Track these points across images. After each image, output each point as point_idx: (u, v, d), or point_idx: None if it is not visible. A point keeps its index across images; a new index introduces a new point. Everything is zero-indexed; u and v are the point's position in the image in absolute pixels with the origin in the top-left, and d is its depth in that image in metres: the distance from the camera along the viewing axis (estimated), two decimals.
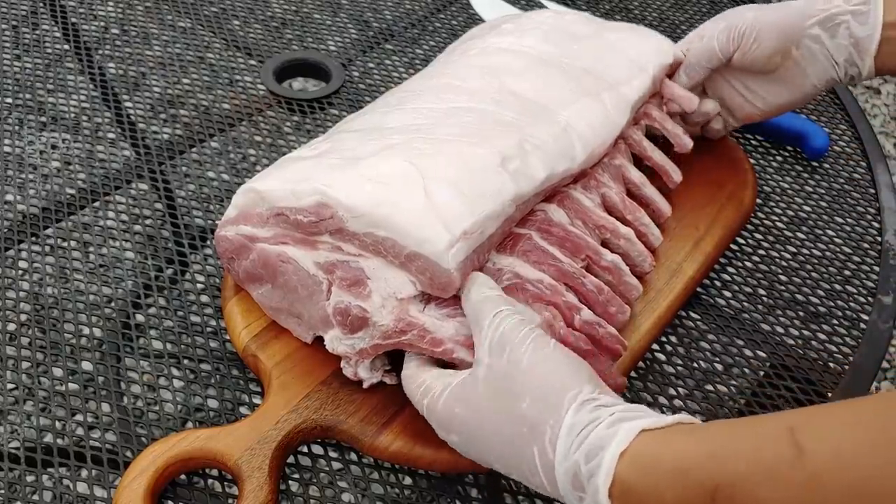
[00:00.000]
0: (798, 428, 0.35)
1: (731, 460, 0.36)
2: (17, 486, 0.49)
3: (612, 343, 0.51)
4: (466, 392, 0.44)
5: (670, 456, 0.37)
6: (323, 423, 0.50)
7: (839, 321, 0.63)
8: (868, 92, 2.02)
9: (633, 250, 0.57)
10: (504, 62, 0.61)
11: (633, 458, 0.38)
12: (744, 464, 0.35)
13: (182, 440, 0.48)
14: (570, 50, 0.63)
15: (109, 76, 0.79)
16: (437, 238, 0.47)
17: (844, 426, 0.35)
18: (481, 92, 0.58)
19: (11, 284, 0.60)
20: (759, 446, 0.36)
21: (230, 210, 0.53)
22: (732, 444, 0.37)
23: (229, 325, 0.55)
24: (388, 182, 0.49)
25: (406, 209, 0.48)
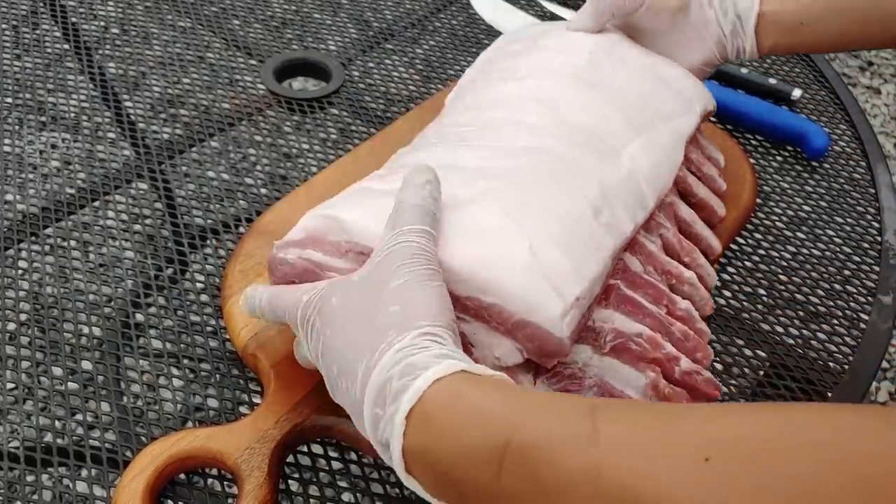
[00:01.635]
0: (600, 409, 0.35)
1: (529, 423, 0.36)
2: (16, 486, 0.49)
3: (709, 388, 0.50)
4: (348, 286, 0.44)
5: (476, 400, 0.38)
6: (322, 423, 0.50)
7: (839, 321, 0.63)
8: (868, 92, 2.02)
9: (697, 295, 0.56)
10: (555, 90, 0.57)
11: (443, 389, 0.38)
12: (541, 429, 0.35)
13: (181, 439, 0.48)
14: (619, 74, 0.60)
15: (109, 76, 0.79)
16: (551, 306, 0.44)
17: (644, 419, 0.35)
18: (541, 128, 0.54)
19: (11, 284, 0.60)
20: (560, 417, 0.36)
21: (296, 232, 0.50)
22: (536, 408, 0.37)
23: (229, 324, 0.55)
24: (491, 240, 0.46)
25: (514, 273, 0.45)
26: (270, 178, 0.70)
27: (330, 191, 0.64)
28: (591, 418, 0.35)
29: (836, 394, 0.58)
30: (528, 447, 0.35)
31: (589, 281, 0.46)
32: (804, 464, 0.30)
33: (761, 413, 0.34)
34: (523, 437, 0.35)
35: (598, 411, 0.35)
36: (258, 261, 0.59)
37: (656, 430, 0.34)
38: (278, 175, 0.70)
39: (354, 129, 0.75)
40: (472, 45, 0.85)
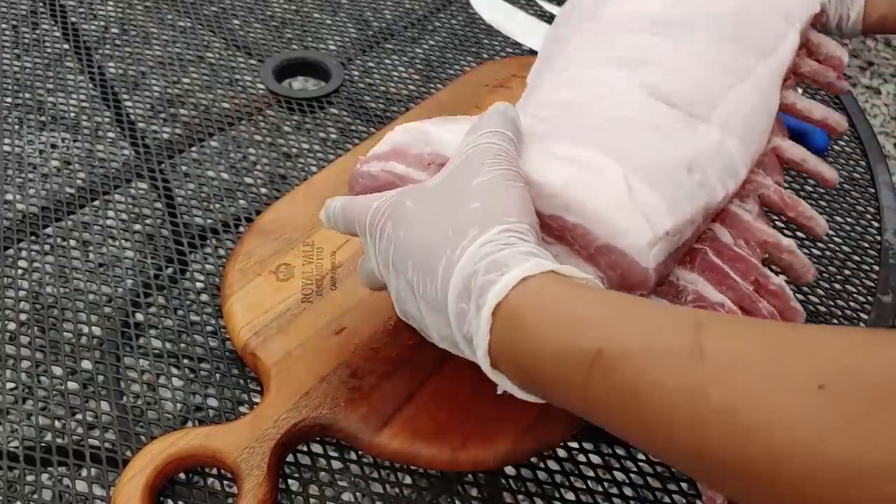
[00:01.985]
0: (706, 324, 0.33)
1: (626, 331, 0.33)
2: (16, 486, 0.49)
3: None
4: (423, 189, 0.43)
5: (567, 301, 0.35)
6: (322, 422, 0.50)
7: (839, 321, 0.63)
8: (868, 92, 2.02)
9: (797, 262, 0.52)
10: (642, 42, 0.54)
11: (531, 287, 0.36)
12: (638, 339, 0.33)
13: (180, 438, 0.48)
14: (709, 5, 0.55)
15: (109, 76, 0.79)
16: (640, 234, 0.43)
17: (752, 340, 0.32)
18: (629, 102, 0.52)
19: (11, 284, 0.60)
20: (660, 328, 0.33)
21: (381, 146, 0.49)
22: (633, 316, 0.34)
23: (228, 322, 0.55)
24: (585, 166, 0.44)
25: (604, 197, 0.43)
26: (270, 178, 0.70)
27: (329, 190, 0.65)
28: (696, 332, 0.32)
29: None
30: (622, 357, 0.33)
31: (681, 220, 0.44)
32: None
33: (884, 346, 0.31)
34: (618, 346, 0.33)
35: (704, 326, 0.33)
36: (258, 259, 0.59)
37: (767, 350, 0.32)
38: (278, 175, 0.70)
39: (354, 128, 0.75)
40: (472, 45, 0.85)
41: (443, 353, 0.53)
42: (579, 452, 0.53)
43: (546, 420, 0.52)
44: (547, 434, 0.51)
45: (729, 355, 0.32)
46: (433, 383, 0.53)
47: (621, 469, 0.53)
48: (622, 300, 0.36)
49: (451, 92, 0.75)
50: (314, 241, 0.61)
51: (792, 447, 0.29)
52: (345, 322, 0.56)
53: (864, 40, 2.21)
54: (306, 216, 0.62)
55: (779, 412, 0.29)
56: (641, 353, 0.33)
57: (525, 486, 0.51)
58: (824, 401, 0.29)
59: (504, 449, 0.50)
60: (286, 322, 0.55)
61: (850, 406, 0.29)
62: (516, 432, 0.51)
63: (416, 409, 0.51)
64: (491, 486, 0.51)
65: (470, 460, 0.50)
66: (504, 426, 0.51)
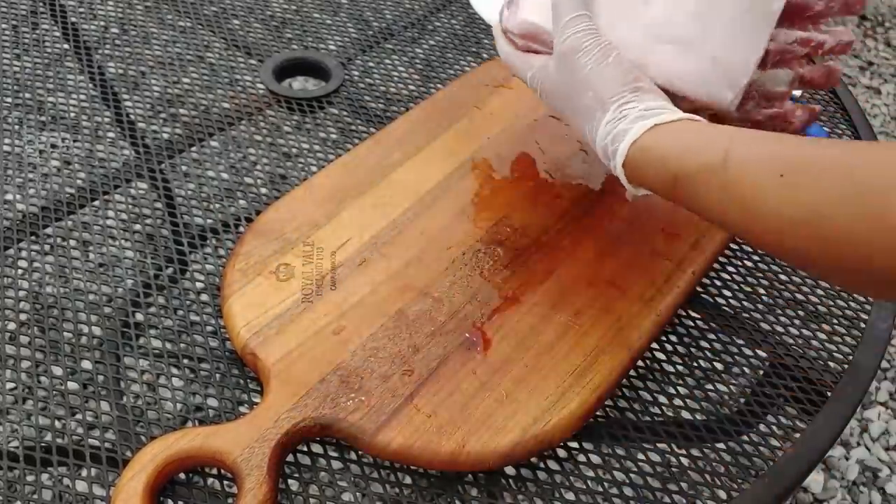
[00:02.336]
0: (734, 144, 0.46)
1: (688, 158, 0.48)
2: (16, 486, 0.49)
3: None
4: (548, 76, 0.57)
5: (657, 146, 0.50)
6: (322, 422, 0.50)
7: (839, 321, 0.63)
8: (868, 92, 2.02)
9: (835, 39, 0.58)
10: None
11: (639, 146, 0.51)
12: (694, 164, 0.48)
13: (180, 438, 0.48)
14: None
15: (109, 76, 0.79)
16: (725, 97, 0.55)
17: (763, 149, 0.46)
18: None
19: (11, 284, 0.60)
20: (706, 152, 0.47)
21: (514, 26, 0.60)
22: (694, 146, 0.48)
23: (228, 322, 0.55)
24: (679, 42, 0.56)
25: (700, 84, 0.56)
26: (270, 178, 0.70)
27: (329, 191, 0.65)
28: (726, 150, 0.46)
29: (836, 394, 0.58)
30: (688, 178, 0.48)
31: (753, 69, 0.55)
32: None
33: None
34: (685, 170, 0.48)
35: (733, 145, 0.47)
36: (258, 260, 0.59)
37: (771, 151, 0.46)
38: (278, 175, 0.70)
39: (354, 128, 0.75)
40: (471, 45, 0.85)
41: (443, 354, 0.54)
42: (579, 452, 0.53)
43: (546, 420, 0.52)
44: (547, 434, 0.51)
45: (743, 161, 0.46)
46: (433, 383, 0.53)
47: (621, 469, 0.53)
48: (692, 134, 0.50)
49: (451, 92, 0.75)
50: (314, 241, 0.61)
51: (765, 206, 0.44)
52: (344, 322, 0.56)
53: (864, 40, 2.21)
54: (306, 216, 0.62)
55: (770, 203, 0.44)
56: (696, 173, 0.47)
57: (525, 486, 0.51)
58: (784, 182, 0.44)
59: (504, 449, 0.50)
60: (286, 322, 0.55)
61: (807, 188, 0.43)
62: (517, 432, 0.51)
63: (416, 410, 0.51)
64: (491, 485, 0.51)
65: (470, 461, 0.50)
66: (505, 426, 0.51)
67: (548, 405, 0.52)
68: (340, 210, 0.63)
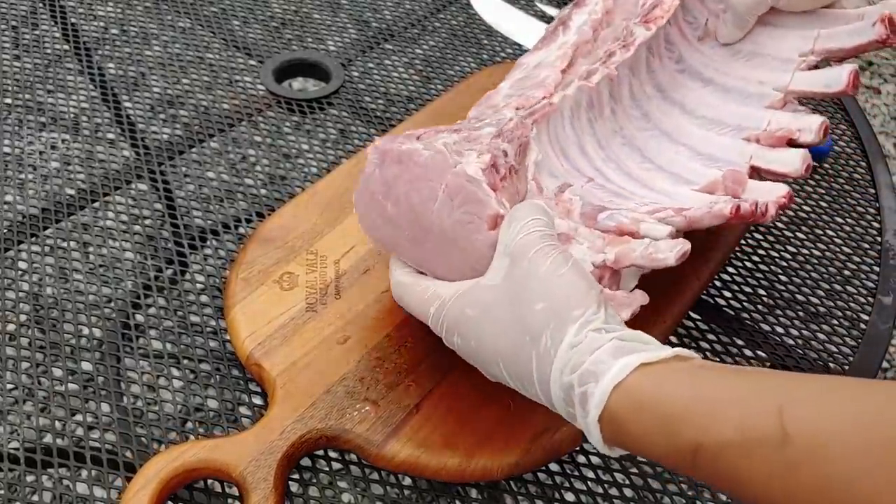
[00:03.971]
0: (787, 406, 0.36)
1: (718, 424, 0.37)
2: (16, 487, 0.49)
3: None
4: (480, 294, 0.45)
5: (660, 402, 0.38)
6: (328, 433, 0.50)
7: (839, 321, 0.63)
8: (868, 92, 2.02)
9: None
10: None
11: (626, 393, 0.39)
12: (731, 431, 0.36)
13: (185, 451, 0.48)
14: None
15: (109, 76, 0.79)
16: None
17: (835, 417, 0.35)
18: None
19: (11, 285, 0.60)
20: (747, 417, 0.36)
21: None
22: (722, 408, 0.37)
23: (232, 333, 0.55)
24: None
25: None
26: (270, 179, 0.70)
27: (332, 197, 0.64)
28: (779, 416, 0.35)
29: None
30: (720, 450, 0.36)
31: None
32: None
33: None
34: (714, 439, 0.36)
35: (786, 407, 0.36)
36: (261, 269, 0.59)
37: (851, 424, 0.34)
38: (278, 175, 0.70)
39: (354, 129, 0.75)
40: (472, 45, 0.85)
41: (449, 363, 0.53)
42: (579, 453, 0.53)
43: (554, 430, 0.51)
44: (555, 444, 0.51)
45: (813, 435, 0.35)
46: (440, 393, 0.52)
47: (621, 469, 0.53)
48: (711, 386, 0.39)
49: (453, 96, 0.75)
50: (317, 249, 0.60)
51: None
52: (349, 332, 0.55)
53: None
54: (309, 224, 0.62)
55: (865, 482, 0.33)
56: (735, 448, 0.36)
57: (525, 487, 0.51)
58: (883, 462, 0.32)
59: (512, 460, 0.50)
60: (290, 332, 0.55)
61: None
62: (524, 443, 0.50)
63: (423, 420, 0.51)
64: (491, 487, 0.51)
65: (478, 471, 0.50)
66: (512, 437, 0.51)
67: (555, 415, 0.52)
68: (344, 217, 0.63)
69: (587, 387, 0.39)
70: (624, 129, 0.59)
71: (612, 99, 0.59)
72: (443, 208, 0.47)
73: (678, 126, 0.59)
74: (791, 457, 0.34)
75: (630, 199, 0.53)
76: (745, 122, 0.58)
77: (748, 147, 0.56)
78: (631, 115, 0.59)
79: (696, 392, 0.38)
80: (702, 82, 0.61)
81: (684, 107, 0.60)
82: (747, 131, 0.57)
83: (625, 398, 0.39)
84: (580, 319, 0.41)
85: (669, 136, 0.59)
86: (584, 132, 0.57)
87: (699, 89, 0.61)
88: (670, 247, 0.47)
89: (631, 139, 0.58)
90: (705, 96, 0.60)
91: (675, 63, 0.62)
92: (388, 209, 0.49)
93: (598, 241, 0.49)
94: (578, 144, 0.56)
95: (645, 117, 0.60)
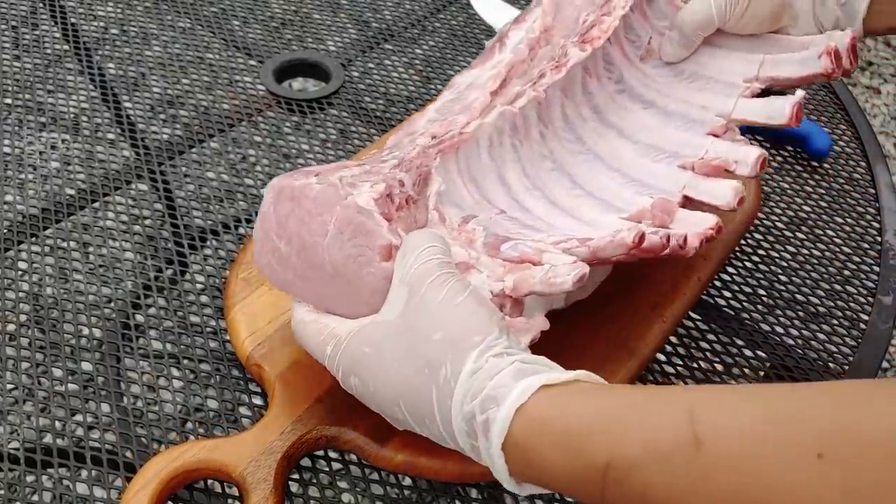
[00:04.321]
0: (697, 413, 0.34)
1: (627, 441, 0.35)
2: (16, 487, 0.49)
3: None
4: (376, 331, 0.43)
5: (565, 421, 0.37)
6: (328, 434, 0.50)
7: (839, 321, 0.63)
8: (868, 92, 2.02)
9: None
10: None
11: (528, 417, 0.37)
12: (640, 447, 0.35)
13: (185, 451, 0.48)
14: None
15: (109, 76, 0.79)
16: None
17: (745, 419, 0.34)
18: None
19: (11, 285, 0.60)
20: (657, 429, 0.35)
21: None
22: (630, 422, 0.36)
23: (232, 333, 0.55)
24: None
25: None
26: (270, 179, 0.70)
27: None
28: (690, 423, 0.34)
29: None
30: (629, 467, 0.35)
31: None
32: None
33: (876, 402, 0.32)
34: (623, 454, 0.35)
35: (697, 414, 0.34)
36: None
37: (762, 424, 0.33)
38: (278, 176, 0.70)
39: (354, 129, 0.75)
40: (471, 45, 0.85)
41: None
42: None
43: None
44: None
45: (725, 439, 0.33)
46: None
47: None
48: (617, 402, 0.37)
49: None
50: None
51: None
52: None
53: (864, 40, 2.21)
54: None
55: (781, 488, 0.31)
56: (646, 457, 0.34)
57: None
58: (824, 470, 0.31)
59: None
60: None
61: (848, 472, 0.30)
62: None
63: None
64: (491, 487, 0.51)
65: (478, 472, 0.49)
66: None
67: None
68: None
69: (489, 413, 0.38)
70: (554, 152, 0.57)
71: (540, 122, 0.57)
72: (333, 243, 0.45)
73: (613, 150, 0.58)
74: (705, 465, 0.33)
75: (541, 232, 0.51)
76: (683, 149, 0.57)
77: (682, 175, 0.55)
78: (563, 137, 0.58)
79: (601, 411, 0.37)
80: (642, 104, 0.60)
81: (622, 130, 0.59)
82: (684, 158, 0.56)
83: (528, 422, 0.37)
84: (480, 346, 0.39)
85: (603, 161, 0.57)
86: (507, 160, 0.55)
87: (639, 111, 0.60)
88: (568, 271, 0.46)
89: (562, 164, 0.57)
90: (645, 119, 0.59)
91: (615, 83, 0.61)
92: (282, 248, 0.48)
93: (499, 269, 0.47)
94: (498, 173, 0.54)
95: (579, 140, 0.58)
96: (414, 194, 0.48)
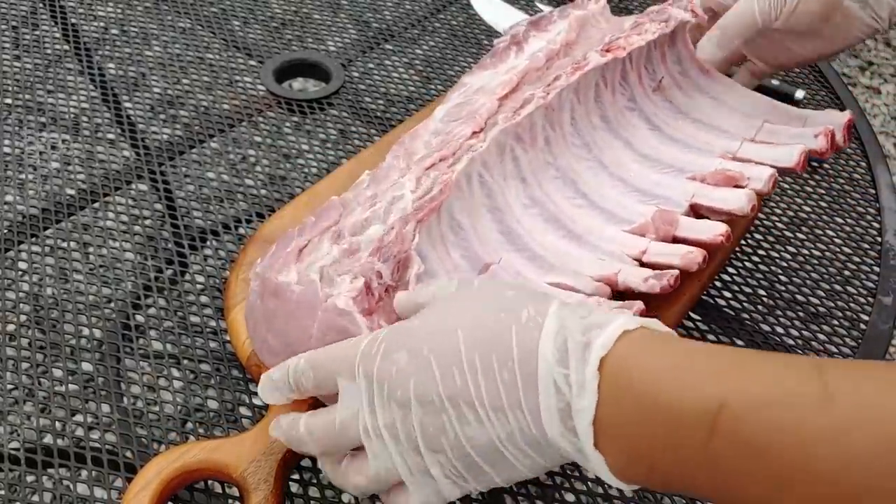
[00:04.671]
0: (826, 369, 0.31)
1: (750, 382, 0.32)
2: (16, 487, 0.49)
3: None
4: (406, 330, 0.40)
5: (679, 353, 0.33)
6: None
7: (839, 321, 0.63)
8: (868, 92, 2.02)
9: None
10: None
11: (636, 341, 0.34)
12: (760, 387, 0.31)
13: (186, 452, 0.48)
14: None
15: (109, 76, 0.79)
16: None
17: (877, 380, 0.31)
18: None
19: (11, 285, 0.60)
20: (781, 375, 0.32)
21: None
22: (754, 367, 0.32)
23: (233, 334, 0.55)
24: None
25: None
26: (270, 179, 0.70)
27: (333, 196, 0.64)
28: (821, 378, 0.31)
29: None
30: (750, 409, 0.31)
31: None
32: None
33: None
34: (744, 396, 0.31)
35: (827, 370, 0.31)
36: None
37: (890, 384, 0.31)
38: (278, 176, 0.70)
39: (354, 129, 0.75)
40: (472, 46, 0.85)
41: None
42: None
43: None
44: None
45: (860, 398, 0.31)
46: None
47: None
48: (736, 351, 0.35)
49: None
50: None
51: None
52: None
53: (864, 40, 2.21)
54: None
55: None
56: (771, 402, 0.31)
57: (525, 487, 0.51)
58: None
59: None
60: None
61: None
62: None
63: None
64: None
65: None
66: None
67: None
68: None
69: (590, 334, 0.34)
70: (559, 158, 0.58)
71: (548, 126, 0.57)
72: (318, 345, 0.46)
73: (619, 160, 0.59)
74: (839, 418, 0.30)
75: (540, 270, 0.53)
76: (690, 165, 0.58)
77: (690, 185, 0.56)
78: (570, 142, 0.59)
79: (714, 355, 0.33)
80: (649, 126, 0.61)
81: (629, 142, 0.60)
82: (691, 174, 0.57)
83: (637, 342, 0.34)
84: (557, 299, 0.37)
85: (608, 170, 0.58)
86: (507, 175, 0.55)
87: (645, 130, 0.61)
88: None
89: (566, 171, 0.57)
90: (651, 139, 0.60)
91: (627, 101, 0.62)
92: (270, 340, 0.49)
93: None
94: (490, 205, 0.55)
95: (585, 147, 0.59)
96: (393, 283, 0.48)
